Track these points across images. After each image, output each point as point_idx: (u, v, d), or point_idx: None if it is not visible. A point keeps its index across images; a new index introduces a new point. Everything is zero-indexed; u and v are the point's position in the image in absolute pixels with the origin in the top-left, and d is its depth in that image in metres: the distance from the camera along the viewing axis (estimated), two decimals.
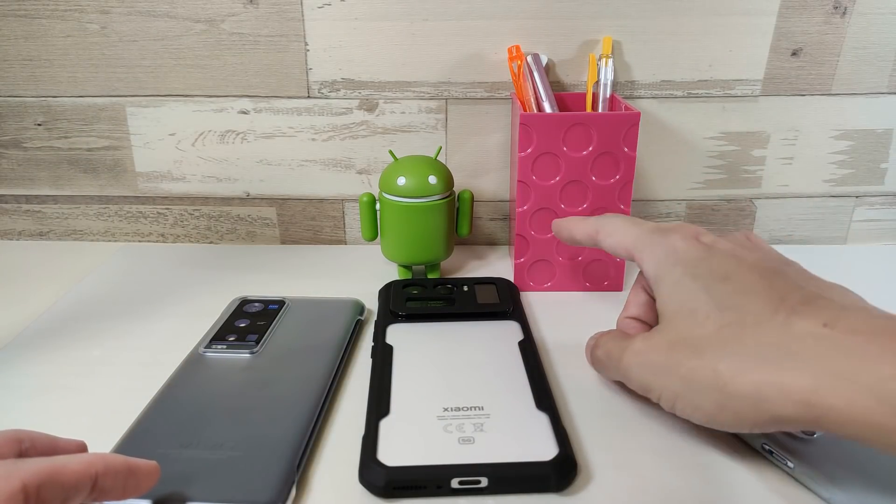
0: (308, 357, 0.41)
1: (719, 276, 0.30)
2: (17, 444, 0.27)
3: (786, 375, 0.26)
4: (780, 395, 0.26)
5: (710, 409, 0.29)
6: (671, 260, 0.32)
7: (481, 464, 0.32)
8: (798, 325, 0.27)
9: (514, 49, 0.54)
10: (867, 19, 0.54)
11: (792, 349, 0.26)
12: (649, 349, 0.31)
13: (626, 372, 0.33)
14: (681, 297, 0.31)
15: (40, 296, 0.52)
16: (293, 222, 0.62)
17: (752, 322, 0.28)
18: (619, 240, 0.36)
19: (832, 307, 0.27)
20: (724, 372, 0.28)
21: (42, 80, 0.57)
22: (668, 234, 0.33)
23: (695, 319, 0.30)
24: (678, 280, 0.31)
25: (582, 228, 0.39)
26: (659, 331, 0.31)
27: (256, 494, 0.30)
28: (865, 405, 0.24)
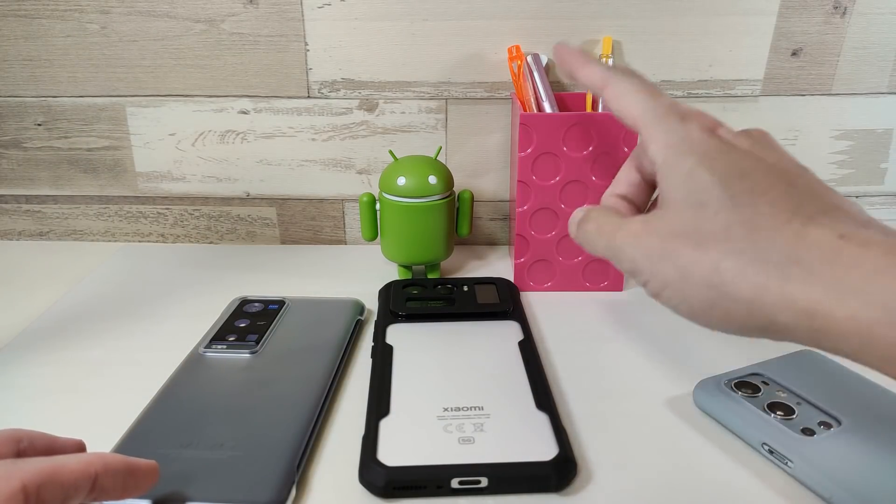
0: (308, 357, 0.41)
1: (736, 173, 0.28)
2: (16, 443, 0.27)
3: (791, 283, 0.25)
4: (780, 301, 0.25)
5: (699, 306, 0.28)
6: (684, 147, 0.30)
7: (481, 464, 0.32)
8: (813, 233, 0.26)
9: (514, 49, 0.54)
10: (867, 19, 0.54)
11: (802, 257, 0.25)
12: (647, 233, 0.30)
13: (617, 251, 0.31)
14: (691, 188, 0.29)
15: (40, 296, 0.52)
16: (293, 222, 0.62)
17: (764, 224, 0.27)
18: (629, 106, 0.32)
19: (850, 220, 0.26)
20: (726, 270, 0.27)
21: (42, 80, 0.57)
22: (685, 120, 0.31)
23: (703, 212, 0.28)
24: (691, 169, 0.29)
25: (588, 73, 0.34)
26: (660, 217, 0.30)
27: (256, 494, 0.30)
28: (871, 317, 0.24)
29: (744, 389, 0.37)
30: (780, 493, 0.32)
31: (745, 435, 0.35)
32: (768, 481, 0.33)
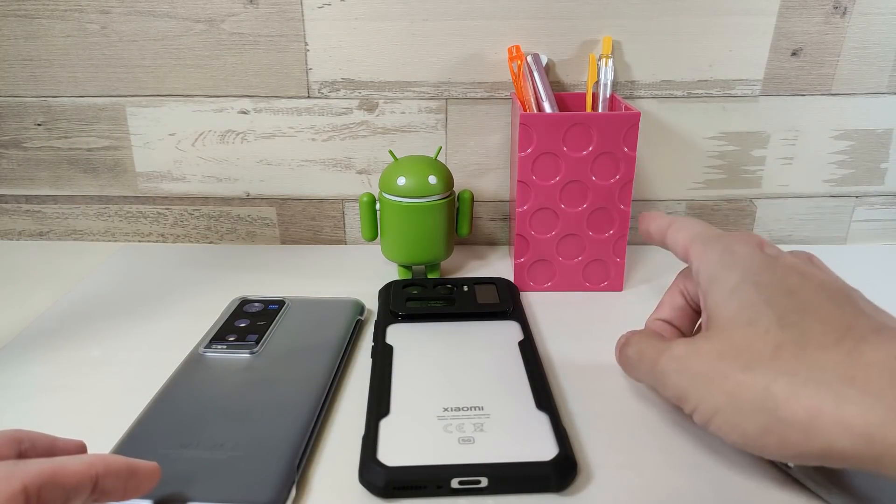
0: (308, 357, 0.41)
1: (784, 290, 0.28)
2: (17, 444, 0.27)
3: (847, 406, 0.24)
4: (837, 427, 0.24)
5: (752, 432, 0.27)
6: (729, 262, 0.30)
7: (481, 464, 0.32)
8: (866, 354, 0.25)
9: (514, 49, 0.54)
10: (867, 19, 0.54)
11: (857, 379, 0.24)
12: (693, 355, 0.29)
13: (661, 377, 0.31)
14: (738, 305, 0.28)
15: (40, 296, 0.52)
16: (293, 222, 0.62)
17: (815, 344, 0.26)
18: (682, 235, 0.34)
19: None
20: (778, 393, 0.26)
21: (42, 80, 0.57)
22: (730, 237, 0.31)
23: (752, 331, 0.27)
24: (737, 286, 0.29)
25: (658, 223, 0.37)
26: (706, 338, 0.29)
27: (256, 494, 0.30)
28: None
29: None
30: (781, 493, 0.32)
31: None
32: (768, 481, 0.33)
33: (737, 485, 0.33)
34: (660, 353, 0.31)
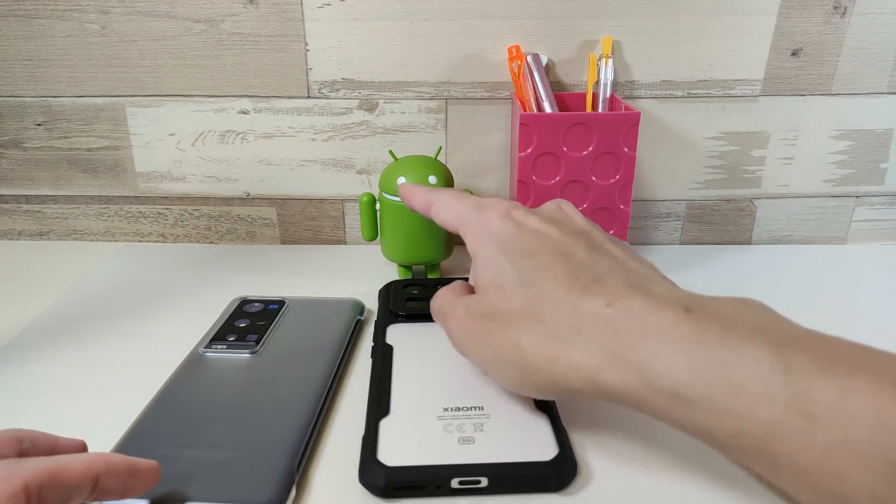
0: (308, 357, 0.41)
1: (525, 253, 0.32)
2: (18, 443, 0.27)
3: (574, 353, 0.29)
4: (570, 371, 0.29)
5: (515, 380, 0.31)
6: (486, 236, 0.34)
7: (481, 464, 0.32)
8: (586, 304, 0.29)
9: (514, 49, 0.54)
10: (867, 19, 0.54)
11: (579, 327, 0.29)
12: (468, 317, 0.33)
13: (449, 335, 0.35)
14: (492, 272, 0.33)
15: (40, 296, 0.52)
16: (293, 222, 0.62)
17: (548, 299, 0.30)
18: (448, 217, 0.38)
19: (616, 287, 0.30)
20: (525, 347, 0.30)
21: (42, 80, 0.57)
22: (485, 210, 0.35)
23: (503, 294, 0.32)
24: (491, 256, 0.33)
25: (418, 199, 0.40)
26: (476, 300, 0.33)
27: (256, 494, 0.30)
28: (635, 383, 0.27)
29: None
30: (781, 494, 0.32)
31: None
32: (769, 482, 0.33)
33: (737, 485, 0.33)
34: (450, 311, 0.35)
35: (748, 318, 0.27)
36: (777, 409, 0.24)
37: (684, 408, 0.26)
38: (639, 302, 0.28)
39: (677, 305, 0.28)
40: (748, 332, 0.26)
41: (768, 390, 0.25)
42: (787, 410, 0.24)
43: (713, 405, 0.26)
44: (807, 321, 0.49)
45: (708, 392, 0.26)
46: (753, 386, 0.25)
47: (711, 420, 0.26)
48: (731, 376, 0.25)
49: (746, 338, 0.26)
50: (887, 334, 0.46)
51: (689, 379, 0.26)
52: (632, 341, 0.27)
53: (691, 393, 0.26)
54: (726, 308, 0.28)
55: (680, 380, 0.26)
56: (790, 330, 0.27)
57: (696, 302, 0.28)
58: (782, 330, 0.27)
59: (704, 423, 0.26)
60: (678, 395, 0.26)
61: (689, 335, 0.27)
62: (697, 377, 0.26)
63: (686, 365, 0.26)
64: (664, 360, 0.26)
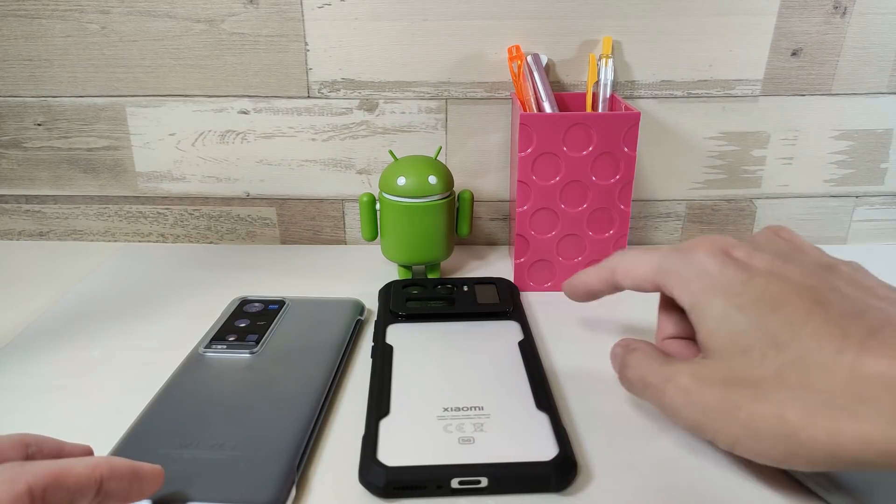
0: (308, 357, 0.41)
1: (768, 306, 0.27)
2: (24, 447, 0.27)
3: (863, 425, 0.24)
4: (859, 444, 0.25)
5: (778, 456, 0.27)
6: (707, 286, 0.29)
7: (481, 464, 0.32)
8: (868, 366, 0.25)
9: (514, 49, 0.54)
10: (867, 19, 0.54)
11: (866, 395, 0.25)
12: (699, 388, 0.29)
13: (671, 410, 0.31)
14: (729, 333, 0.28)
15: (40, 296, 0.52)
16: (293, 222, 0.62)
17: (815, 362, 0.26)
18: (640, 274, 0.33)
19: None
20: (793, 420, 0.26)
21: (42, 80, 0.57)
22: (691, 253, 0.30)
23: (749, 358, 0.27)
24: (722, 313, 0.28)
25: (596, 277, 0.36)
26: (707, 366, 0.29)
27: (256, 494, 0.30)
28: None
29: None
30: (781, 493, 0.32)
31: None
32: (768, 481, 0.33)
33: (737, 484, 0.33)
34: (665, 383, 0.30)
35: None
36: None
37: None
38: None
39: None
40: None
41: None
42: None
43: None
44: None
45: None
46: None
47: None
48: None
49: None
50: None
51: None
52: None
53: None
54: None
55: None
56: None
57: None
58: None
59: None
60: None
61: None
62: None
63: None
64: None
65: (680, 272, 0.30)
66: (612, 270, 0.35)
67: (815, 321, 0.27)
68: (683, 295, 0.30)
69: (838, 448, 0.25)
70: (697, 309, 0.30)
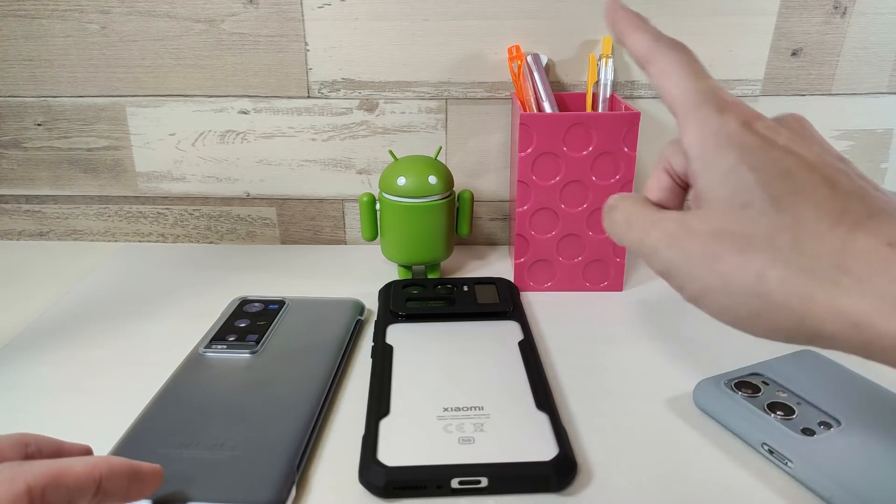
0: (308, 357, 0.41)
1: (779, 172, 0.27)
2: (24, 447, 0.27)
3: (840, 293, 0.24)
4: (828, 313, 0.24)
5: (744, 314, 0.27)
6: (723, 141, 0.28)
7: (481, 464, 0.32)
8: (860, 241, 0.25)
9: (514, 49, 0.54)
10: (867, 19, 0.54)
11: (850, 266, 0.24)
12: (685, 234, 0.28)
13: (650, 251, 0.29)
14: (733, 186, 0.27)
15: (40, 296, 0.52)
16: (293, 222, 0.62)
17: (810, 231, 0.26)
18: (670, 87, 0.31)
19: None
20: (771, 279, 0.26)
21: (42, 80, 0.57)
22: (724, 111, 0.29)
23: (747, 214, 0.27)
24: (733, 167, 0.28)
25: (634, 42, 0.33)
26: (700, 216, 0.28)
27: (256, 494, 0.30)
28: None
29: (744, 389, 0.37)
30: (780, 493, 0.32)
31: (745, 435, 0.35)
32: (768, 481, 0.33)
33: (737, 485, 0.33)
34: (651, 225, 0.30)
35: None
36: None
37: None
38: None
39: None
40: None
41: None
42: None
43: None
44: None
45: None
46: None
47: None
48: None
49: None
50: None
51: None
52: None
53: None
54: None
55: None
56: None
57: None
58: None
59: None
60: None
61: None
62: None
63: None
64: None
65: (704, 120, 0.29)
66: (649, 58, 0.33)
67: (820, 194, 0.26)
68: (695, 141, 0.29)
69: (807, 315, 0.25)
70: (706, 158, 0.29)
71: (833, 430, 0.34)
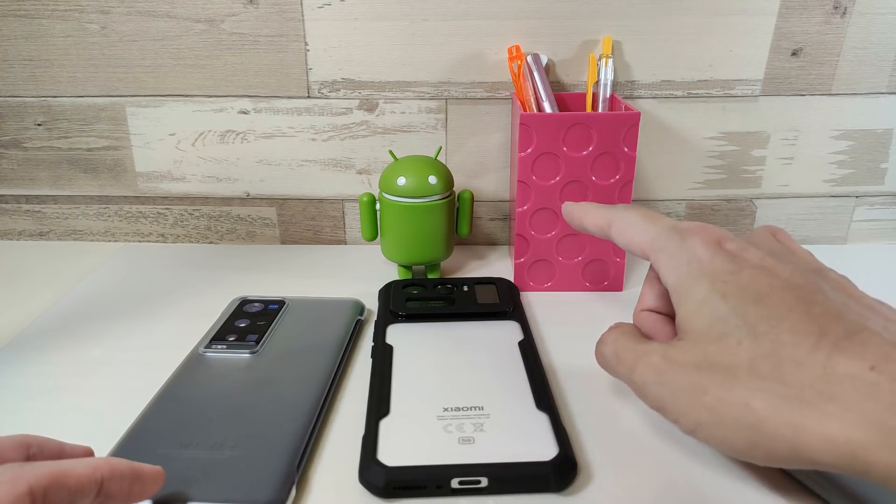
0: (308, 357, 0.41)
1: (751, 297, 0.27)
2: (25, 448, 0.27)
3: (828, 423, 0.24)
4: (820, 443, 0.24)
5: (739, 445, 0.27)
6: (694, 271, 0.29)
7: (481, 464, 0.32)
8: (841, 365, 0.25)
9: (514, 49, 0.54)
10: (867, 19, 0.54)
11: (835, 394, 0.24)
12: (670, 368, 0.29)
13: (640, 387, 0.30)
14: (708, 318, 0.28)
15: (40, 296, 0.52)
16: (293, 222, 0.62)
17: (789, 357, 0.26)
18: (633, 238, 0.33)
19: (879, 345, 0.25)
20: (759, 410, 0.26)
21: (42, 80, 0.57)
22: (688, 237, 0.31)
23: (725, 345, 0.27)
24: (705, 297, 0.28)
25: (594, 218, 0.36)
26: (682, 348, 0.29)
27: (256, 494, 0.30)
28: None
29: None
30: (780, 493, 0.32)
31: None
32: (768, 481, 0.33)
33: (737, 485, 0.33)
34: (637, 359, 0.30)
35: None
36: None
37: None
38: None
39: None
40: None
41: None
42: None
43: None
44: None
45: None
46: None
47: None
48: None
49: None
50: None
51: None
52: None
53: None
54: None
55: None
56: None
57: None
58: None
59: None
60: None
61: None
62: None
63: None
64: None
65: (672, 253, 0.30)
66: (610, 222, 0.34)
67: (795, 317, 0.26)
68: (670, 275, 0.30)
69: (800, 444, 0.25)
70: (681, 290, 0.30)
71: None
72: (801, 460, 0.25)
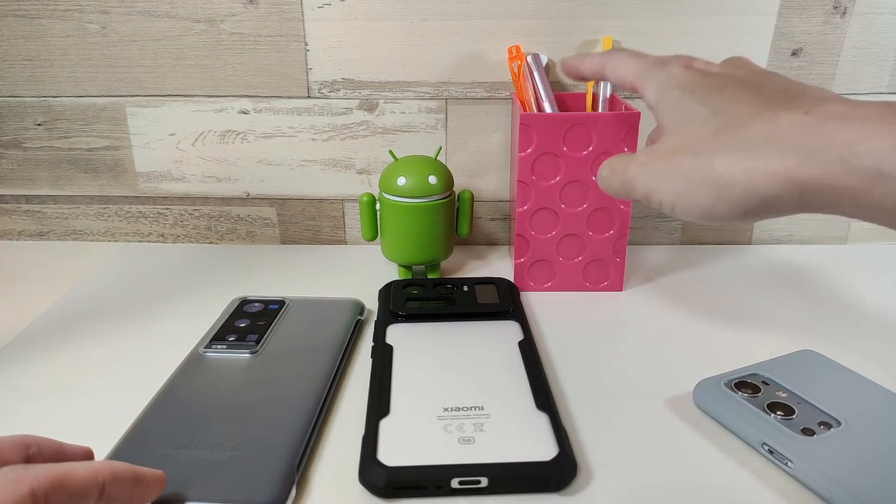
0: (308, 357, 0.41)
1: (714, 89, 0.33)
2: (25, 449, 0.27)
3: (771, 159, 0.29)
4: (767, 177, 0.29)
5: (707, 202, 0.31)
6: (671, 84, 0.35)
7: (481, 464, 0.32)
8: (783, 116, 0.29)
9: (514, 49, 0.54)
10: (867, 19, 0.54)
11: (776, 136, 0.29)
12: (653, 159, 0.34)
13: (630, 181, 0.35)
14: (680, 110, 0.34)
15: (40, 296, 0.52)
16: (293, 222, 0.62)
17: (742, 121, 0.31)
18: (625, 73, 0.38)
19: (813, 99, 0.30)
20: (720, 165, 0.30)
21: (42, 80, 0.57)
22: (667, 64, 0.36)
23: (693, 126, 0.32)
24: (677, 98, 0.34)
25: (589, 64, 0.41)
26: (662, 142, 0.34)
27: (256, 494, 0.30)
28: (834, 170, 0.27)
29: (744, 389, 0.37)
30: (780, 494, 0.32)
31: (745, 435, 0.35)
32: (768, 481, 0.33)
33: (737, 485, 0.33)
34: (627, 164, 0.35)
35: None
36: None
37: (887, 184, 0.26)
38: (838, 106, 0.28)
39: (879, 104, 0.28)
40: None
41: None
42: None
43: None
44: (807, 321, 0.49)
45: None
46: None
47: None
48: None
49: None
50: (888, 334, 0.46)
51: (893, 156, 0.26)
52: (832, 134, 0.27)
53: (894, 169, 0.26)
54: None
55: (883, 158, 0.26)
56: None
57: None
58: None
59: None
60: (881, 173, 0.26)
61: (893, 120, 0.26)
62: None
63: (888, 146, 0.26)
64: (866, 144, 0.27)
65: (654, 77, 0.36)
66: (604, 64, 0.40)
67: (749, 96, 0.32)
68: (652, 94, 0.36)
69: (752, 184, 0.29)
70: (660, 100, 0.35)
71: (833, 430, 0.34)
72: (756, 200, 0.30)
